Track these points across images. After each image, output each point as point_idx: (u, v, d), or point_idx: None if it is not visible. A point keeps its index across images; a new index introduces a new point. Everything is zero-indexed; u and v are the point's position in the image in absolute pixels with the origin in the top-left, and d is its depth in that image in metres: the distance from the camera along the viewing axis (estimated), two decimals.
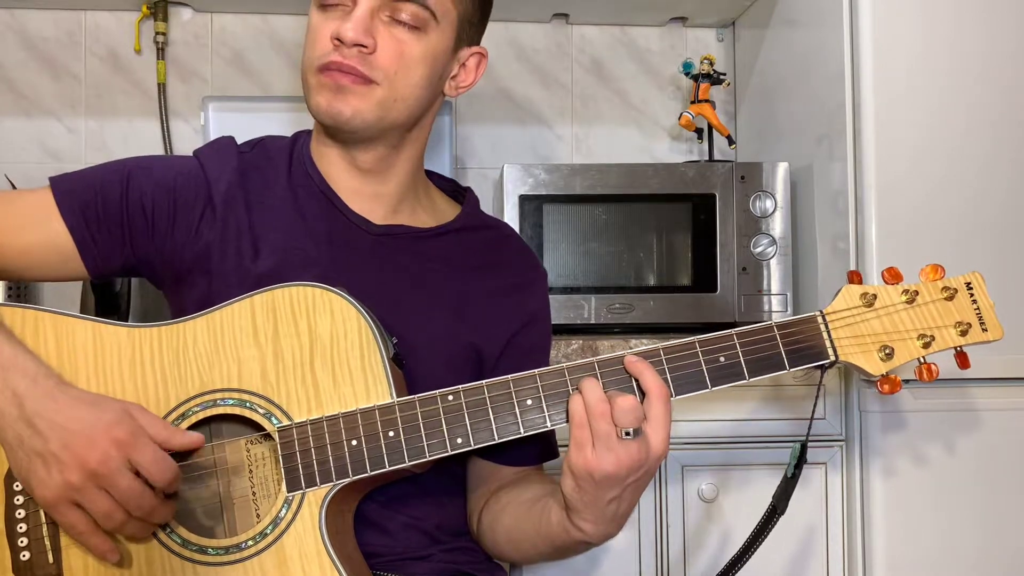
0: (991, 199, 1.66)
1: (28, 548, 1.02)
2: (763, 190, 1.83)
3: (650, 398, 1.00)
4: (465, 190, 1.34)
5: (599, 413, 0.97)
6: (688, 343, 1.04)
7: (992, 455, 1.66)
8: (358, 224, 1.20)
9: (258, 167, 1.22)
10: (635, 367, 1.02)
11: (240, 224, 1.17)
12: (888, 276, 1.08)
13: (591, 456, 0.97)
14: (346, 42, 1.11)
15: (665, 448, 0.99)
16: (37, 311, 1.07)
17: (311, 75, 1.14)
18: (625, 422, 0.96)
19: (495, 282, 1.25)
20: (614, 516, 1.02)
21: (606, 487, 0.99)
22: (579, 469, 0.98)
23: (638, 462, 0.98)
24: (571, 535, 1.05)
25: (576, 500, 1.01)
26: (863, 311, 1.07)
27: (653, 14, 2.23)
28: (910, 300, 1.07)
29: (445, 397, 1.04)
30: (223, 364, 1.05)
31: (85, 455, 0.94)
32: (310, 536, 1.01)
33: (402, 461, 1.02)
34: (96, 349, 1.06)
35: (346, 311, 1.05)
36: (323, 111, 1.14)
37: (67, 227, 1.14)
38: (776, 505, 1.13)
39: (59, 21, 2.13)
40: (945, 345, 1.07)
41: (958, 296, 1.08)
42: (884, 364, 1.06)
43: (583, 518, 1.02)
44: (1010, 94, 1.67)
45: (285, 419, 1.04)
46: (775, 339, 1.05)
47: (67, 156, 2.13)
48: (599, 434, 0.97)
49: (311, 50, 1.15)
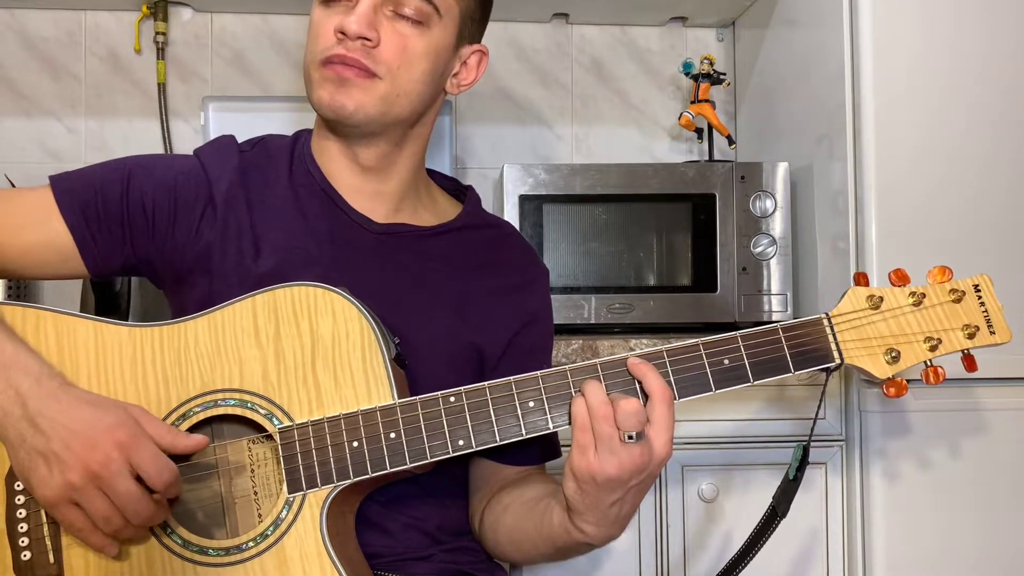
0: (991, 199, 1.66)
1: (29, 548, 1.02)
2: (763, 190, 1.83)
3: (653, 401, 1.00)
4: (466, 188, 1.33)
5: (602, 416, 0.97)
6: (692, 345, 1.04)
7: (993, 455, 1.65)
8: (359, 223, 1.20)
9: (259, 166, 1.22)
10: (638, 369, 1.02)
11: (241, 223, 1.16)
12: (895, 278, 1.07)
13: (594, 459, 0.97)
14: (350, 35, 1.11)
15: (668, 451, 0.99)
16: (38, 310, 1.06)
17: (314, 69, 1.14)
18: (628, 425, 0.96)
19: (496, 281, 1.25)
20: (616, 518, 1.02)
21: (608, 490, 0.98)
22: (581, 472, 0.98)
23: (640, 465, 0.98)
24: (573, 536, 1.05)
25: (578, 502, 1.01)
26: (869, 313, 1.06)
27: (653, 14, 2.23)
28: (917, 303, 1.06)
29: (447, 398, 1.03)
30: (224, 364, 1.05)
31: (87, 456, 0.94)
32: (311, 537, 1.01)
33: (403, 463, 1.02)
34: (97, 348, 1.05)
35: (348, 311, 1.05)
36: (325, 104, 1.14)
37: (67, 226, 1.14)
38: (776, 507, 1.12)
39: (59, 21, 2.13)
40: (952, 348, 1.06)
41: (966, 299, 1.07)
42: (890, 367, 1.05)
43: (585, 520, 1.02)
44: (1010, 94, 1.67)
45: (286, 420, 1.03)
46: (780, 342, 1.05)
47: (67, 156, 2.13)
48: (602, 437, 0.97)
49: (314, 44, 1.15)
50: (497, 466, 1.23)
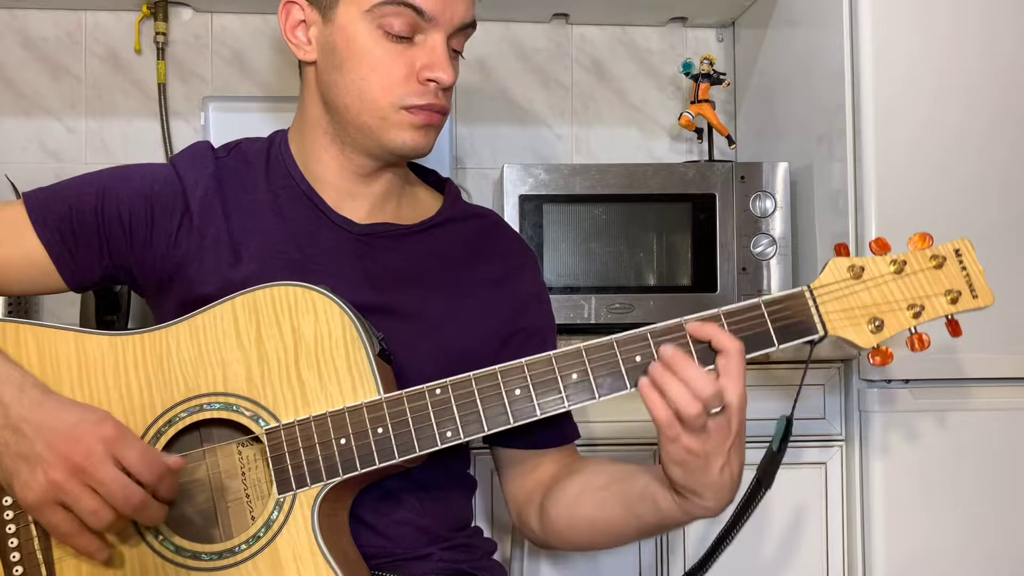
0: (991, 198, 1.66)
1: (21, 563, 1.02)
2: (763, 190, 1.82)
3: (729, 355, 1.00)
4: (445, 180, 1.33)
5: (696, 413, 0.96)
6: (675, 325, 1.03)
7: (992, 455, 1.65)
8: (341, 224, 1.20)
9: (236, 171, 1.21)
10: (703, 331, 1.02)
11: (219, 231, 1.16)
12: (876, 247, 1.07)
13: (688, 442, 0.98)
14: (445, 86, 1.14)
15: (744, 399, 1.00)
16: (17, 323, 1.06)
17: (393, 112, 1.14)
18: (716, 405, 0.97)
19: (487, 271, 1.25)
20: (731, 482, 1.02)
21: (713, 457, 0.99)
22: (682, 456, 0.99)
23: (728, 425, 0.99)
24: (692, 515, 1.05)
25: (692, 482, 1.01)
26: (851, 283, 1.05)
27: (653, 14, 2.23)
28: (898, 270, 1.05)
29: (433, 391, 1.03)
30: (207, 369, 1.04)
31: (69, 451, 0.94)
32: (303, 537, 1.01)
33: (392, 457, 1.02)
34: (79, 359, 1.05)
35: (329, 309, 1.05)
36: (409, 148, 1.16)
37: (42, 243, 1.14)
38: (760, 479, 1.11)
39: (59, 21, 2.14)
40: (936, 314, 1.05)
41: (947, 264, 1.06)
42: (874, 336, 1.04)
43: (703, 497, 1.02)
44: (1009, 93, 1.67)
45: (273, 421, 1.03)
46: (763, 316, 1.04)
47: (67, 156, 2.13)
48: (692, 424, 0.97)
49: (390, 85, 1.14)
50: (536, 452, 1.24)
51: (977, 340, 1.42)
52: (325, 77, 1.17)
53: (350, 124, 1.16)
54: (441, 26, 1.14)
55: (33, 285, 1.17)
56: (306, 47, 1.19)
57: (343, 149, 1.19)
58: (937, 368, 1.63)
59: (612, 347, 1.03)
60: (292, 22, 1.19)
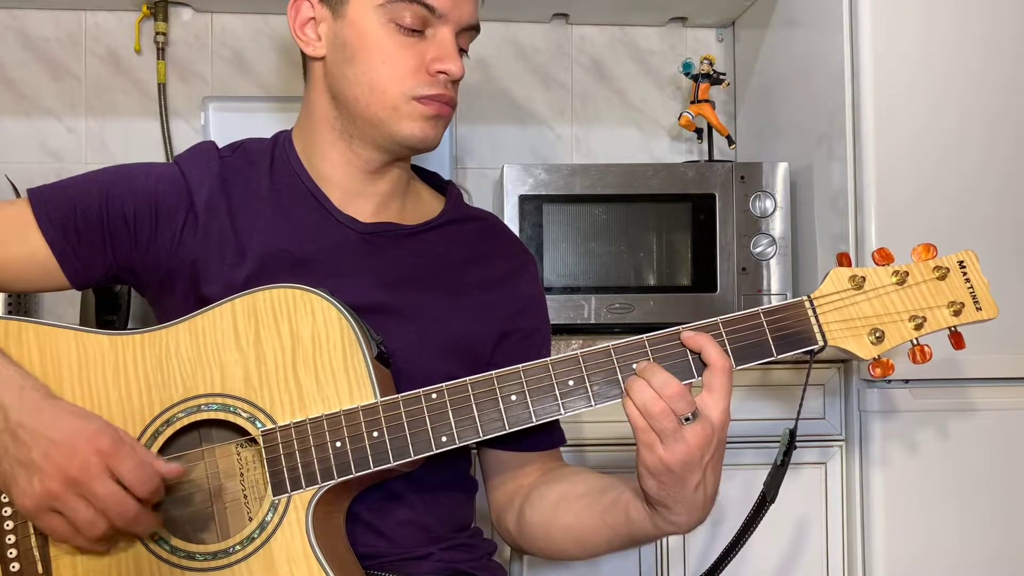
0: (991, 198, 1.66)
1: (18, 559, 1.02)
2: (763, 190, 1.82)
3: (714, 371, 0.99)
4: (447, 183, 1.34)
5: (659, 412, 0.97)
6: (671, 333, 1.03)
7: (992, 455, 1.65)
8: (345, 223, 1.20)
9: (240, 171, 1.21)
10: (695, 341, 1.01)
11: (224, 230, 1.16)
12: (878, 257, 1.06)
13: (663, 452, 0.97)
14: (454, 78, 1.16)
15: (726, 418, 0.99)
16: (20, 322, 1.07)
17: (404, 103, 1.15)
18: (682, 409, 0.97)
19: (485, 273, 1.25)
20: (703, 501, 1.02)
21: (688, 472, 0.98)
22: (657, 467, 0.98)
23: (706, 439, 0.97)
24: (662, 530, 1.05)
25: (664, 497, 1.00)
26: (852, 294, 1.04)
27: (653, 14, 2.23)
28: (900, 281, 1.04)
29: (429, 396, 1.03)
30: (206, 369, 1.04)
31: (66, 463, 0.94)
32: (297, 539, 1.01)
33: (387, 461, 1.02)
34: (80, 358, 1.05)
35: (327, 312, 1.05)
36: (418, 139, 1.17)
37: (46, 241, 1.14)
38: (766, 493, 1.11)
39: (59, 21, 2.14)
40: (938, 326, 1.04)
41: (951, 275, 1.04)
42: (875, 348, 1.04)
43: (675, 513, 1.02)
44: (1009, 94, 1.67)
45: (269, 423, 1.03)
46: (761, 326, 1.03)
47: (67, 156, 2.13)
48: (664, 431, 0.97)
49: (400, 76, 1.15)
50: (523, 455, 1.24)
51: (977, 340, 1.41)
52: (334, 71, 1.18)
53: (359, 116, 1.17)
54: (450, 21, 1.16)
55: (35, 282, 1.17)
56: (315, 43, 1.19)
57: (351, 144, 1.19)
58: (937, 368, 1.62)
59: (609, 354, 1.03)
60: (301, 19, 1.20)
